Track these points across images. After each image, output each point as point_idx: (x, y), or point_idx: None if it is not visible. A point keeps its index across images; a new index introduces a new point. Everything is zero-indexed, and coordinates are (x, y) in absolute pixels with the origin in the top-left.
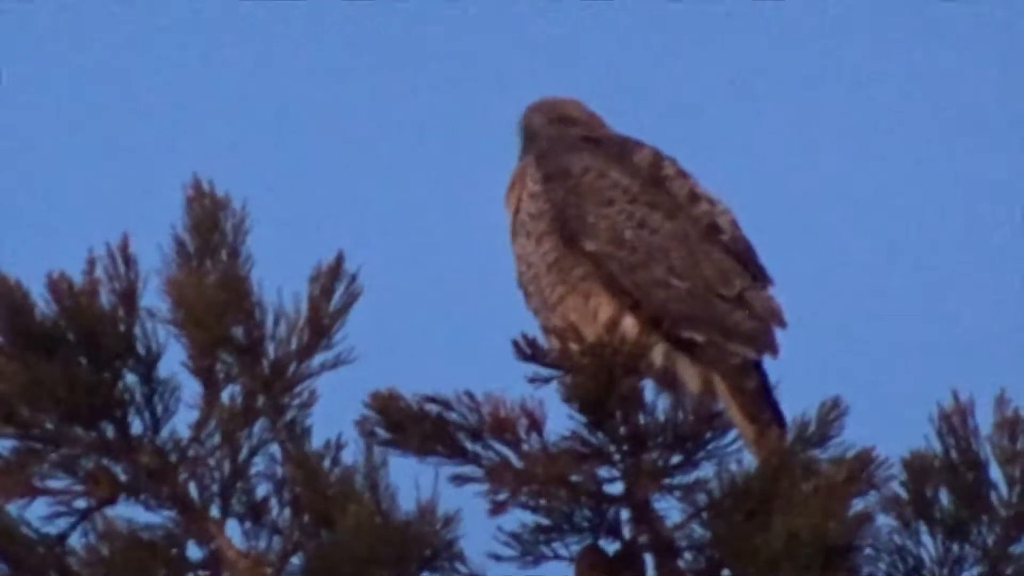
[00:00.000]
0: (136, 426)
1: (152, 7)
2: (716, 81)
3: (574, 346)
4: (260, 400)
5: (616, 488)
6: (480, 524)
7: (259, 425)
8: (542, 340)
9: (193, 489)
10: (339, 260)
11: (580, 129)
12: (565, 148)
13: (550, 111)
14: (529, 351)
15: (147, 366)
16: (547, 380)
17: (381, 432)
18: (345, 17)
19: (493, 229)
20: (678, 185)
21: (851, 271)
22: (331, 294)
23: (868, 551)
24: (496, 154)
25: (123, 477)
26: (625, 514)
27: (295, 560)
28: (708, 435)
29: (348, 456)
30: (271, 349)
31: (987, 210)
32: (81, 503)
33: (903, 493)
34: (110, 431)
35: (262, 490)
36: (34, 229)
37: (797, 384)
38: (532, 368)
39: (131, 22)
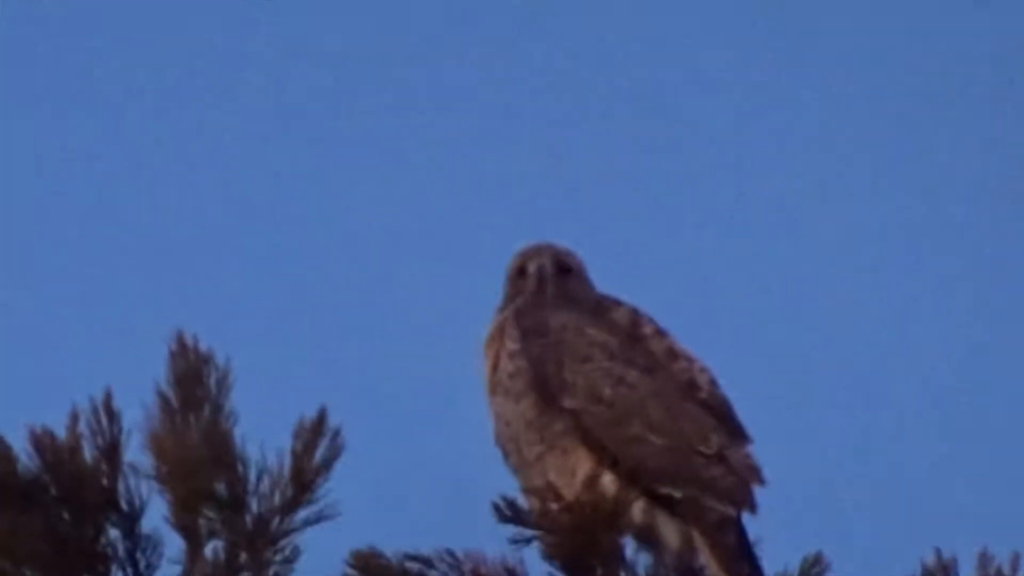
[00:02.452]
0: None
1: (140, 142)
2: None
3: (553, 505)
4: (243, 556)
5: None
6: None
7: None
8: (521, 500)
9: None
10: (322, 415)
11: (577, 281)
12: (545, 305)
13: (554, 258)
14: (509, 512)
15: (130, 521)
16: (528, 540)
17: None
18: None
19: (473, 382)
20: (656, 343)
21: (831, 427)
22: (314, 449)
23: None
24: (480, 298)
25: None
26: None
27: None
28: None
29: None
30: (254, 504)
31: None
32: None
33: None
34: None
35: None
36: (16, 382)
37: (778, 542)
38: (512, 528)
39: (116, 161)
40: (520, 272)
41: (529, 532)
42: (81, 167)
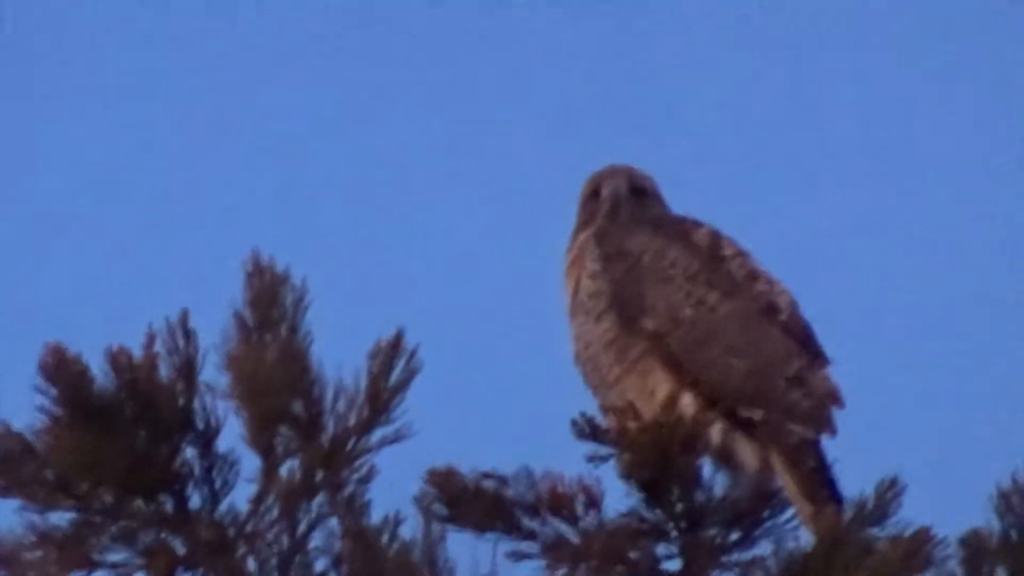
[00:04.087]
0: (195, 500)
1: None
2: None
3: (632, 424)
4: (319, 475)
5: (674, 565)
6: None
7: (318, 500)
8: (600, 418)
9: (252, 564)
10: (399, 336)
11: (652, 203)
12: (625, 227)
13: (623, 184)
14: (587, 430)
15: (206, 440)
16: (605, 458)
17: (439, 508)
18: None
19: (552, 304)
20: (736, 265)
21: (909, 349)
22: (390, 370)
23: None
24: (556, 220)
25: (181, 551)
26: None
27: None
28: (766, 513)
29: (406, 532)
30: (330, 424)
31: None
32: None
33: (960, 572)
34: (169, 505)
35: (320, 565)
36: (95, 303)
37: (855, 464)
38: (590, 446)
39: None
40: (594, 194)
41: (606, 450)
42: (162, 91)
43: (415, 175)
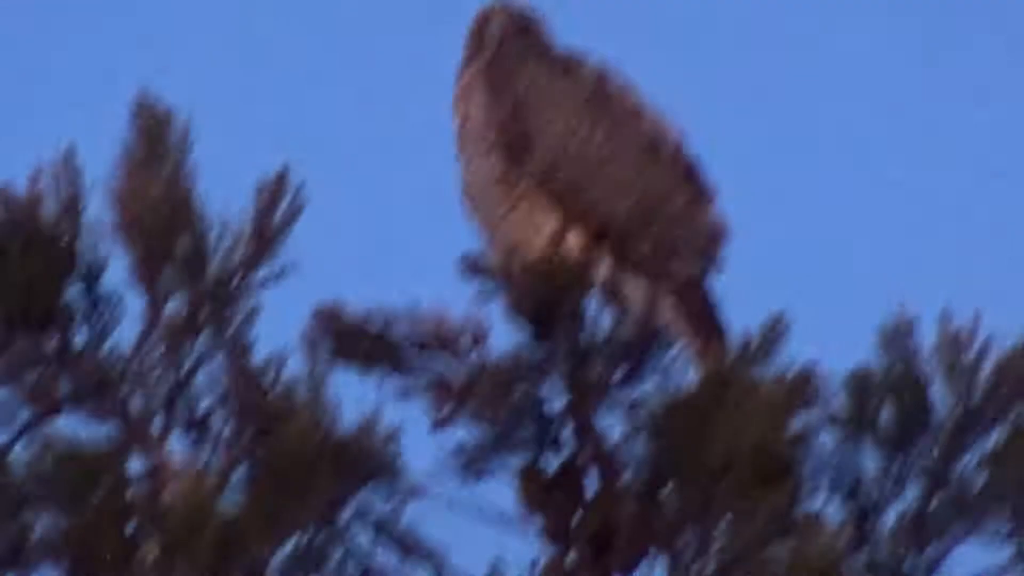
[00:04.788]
0: (79, 338)
1: None
2: None
3: (518, 261)
4: (203, 312)
5: (559, 403)
6: (423, 440)
7: (203, 338)
8: (486, 255)
9: (136, 401)
10: (284, 172)
11: (539, 38)
12: (513, 59)
13: (510, 19)
14: (473, 266)
15: (91, 278)
16: (491, 295)
17: (325, 345)
18: None
19: (441, 138)
20: (623, 99)
21: (800, 181)
22: (276, 206)
23: (810, 466)
24: (447, 55)
25: (65, 389)
26: (568, 429)
27: (237, 473)
28: (652, 350)
29: (291, 370)
30: (215, 261)
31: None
32: (24, 414)
33: (846, 408)
34: (53, 343)
35: (205, 404)
36: None
37: (741, 299)
38: (477, 283)
39: None
40: (482, 28)
41: (493, 286)
42: None
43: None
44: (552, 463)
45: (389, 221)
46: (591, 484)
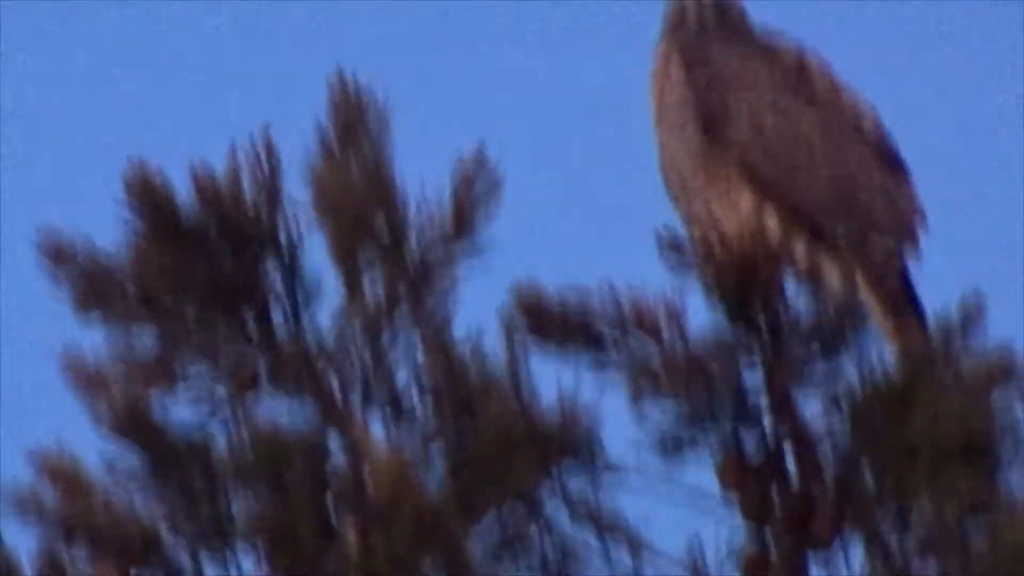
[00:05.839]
0: (277, 316)
1: None
2: None
3: (715, 237)
4: (402, 290)
5: (756, 380)
6: (620, 416)
7: (400, 314)
8: (683, 231)
9: (333, 378)
10: (481, 149)
11: (736, 19)
12: (709, 38)
13: None
14: (670, 242)
15: (289, 255)
16: (688, 269)
17: (522, 322)
18: None
19: (637, 116)
20: (823, 78)
21: (991, 164)
22: (473, 183)
23: (1009, 448)
24: (643, 34)
25: (263, 366)
26: (766, 408)
27: (434, 449)
28: (849, 328)
29: (488, 348)
30: (413, 238)
31: None
32: (221, 391)
33: None
34: (250, 320)
35: (402, 379)
36: (176, 118)
37: (938, 281)
38: (673, 258)
39: None
40: (678, 6)
41: (689, 261)
42: None
43: None
44: (750, 442)
45: (587, 198)
46: (789, 463)
